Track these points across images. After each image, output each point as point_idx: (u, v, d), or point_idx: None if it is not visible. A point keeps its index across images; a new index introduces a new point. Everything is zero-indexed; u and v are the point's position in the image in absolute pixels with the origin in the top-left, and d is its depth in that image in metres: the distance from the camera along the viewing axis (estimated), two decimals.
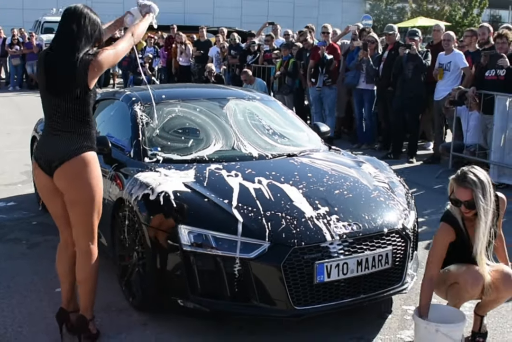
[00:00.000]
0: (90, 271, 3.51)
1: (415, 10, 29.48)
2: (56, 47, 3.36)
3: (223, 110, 4.78)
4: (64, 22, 3.36)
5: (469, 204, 3.33)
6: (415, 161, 8.77)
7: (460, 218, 3.45)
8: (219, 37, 14.32)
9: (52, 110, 3.37)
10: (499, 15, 42.73)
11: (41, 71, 3.37)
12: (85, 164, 3.36)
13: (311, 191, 3.86)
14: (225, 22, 27.90)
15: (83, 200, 3.39)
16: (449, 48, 8.17)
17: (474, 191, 3.29)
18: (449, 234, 3.44)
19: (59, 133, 3.36)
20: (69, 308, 3.62)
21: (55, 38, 3.40)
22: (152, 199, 3.67)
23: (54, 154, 3.36)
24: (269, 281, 3.42)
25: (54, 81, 3.31)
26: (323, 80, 9.66)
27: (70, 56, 3.25)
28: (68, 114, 3.33)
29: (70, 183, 3.36)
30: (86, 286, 3.53)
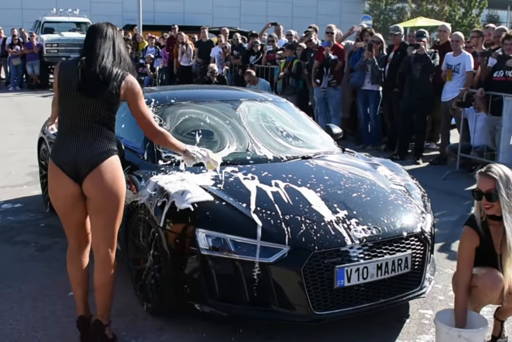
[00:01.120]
0: (109, 276, 3.48)
1: (415, 10, 29.48)
2: (94, 55, 3.33)
3: (236, 112, 4.75)
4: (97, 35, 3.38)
5: (490, 195, 3.24)
6: (421, 163, 8.75)
7: (480, 218, 3.37)
8: (221, 38, 14.28)
9: (78, 112, 3.30)
10: (497, 15, 42.80)
11: (74, 72, 3.30)
12: (114, 168, 3.32)
13: (329, 194, 3.82)
14: (224, 22, 27.91)
15: (111, 205, 3.34)
16: (457, 49, 8.14)
17: (497, 181, 3.23)
18: (472, 237, 3.38)
19: (85, 137, 3.30)
20: (87, 314, 3.58)
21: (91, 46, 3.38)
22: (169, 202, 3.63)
23: (81, 159, 3.28)
24: (289, 286, 3.39)
25: (91, 83, 3.27)
26: (328, 81, 9.62)
27: (110, 64, 3.30)
28: (96, 118, 3.30)
29: (102, 188, 3.30)
30: (104, 291, 3.49)
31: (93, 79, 3.26)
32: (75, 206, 3.38)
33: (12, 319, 3.88)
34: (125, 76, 3.32)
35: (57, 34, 19.23)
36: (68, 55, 18.63)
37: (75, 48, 18.68)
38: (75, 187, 3.32)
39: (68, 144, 3.32)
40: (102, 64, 3.29)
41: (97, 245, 3.45)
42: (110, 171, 3.31)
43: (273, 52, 11.97)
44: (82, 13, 21.78)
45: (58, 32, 19.35)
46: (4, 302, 4.10)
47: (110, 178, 3.30)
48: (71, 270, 3.55)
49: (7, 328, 3.77)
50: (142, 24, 21.34)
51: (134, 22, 24.61)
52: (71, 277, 3.57)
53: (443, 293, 4.34)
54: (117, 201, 3.37)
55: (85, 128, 3.31)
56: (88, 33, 3.46)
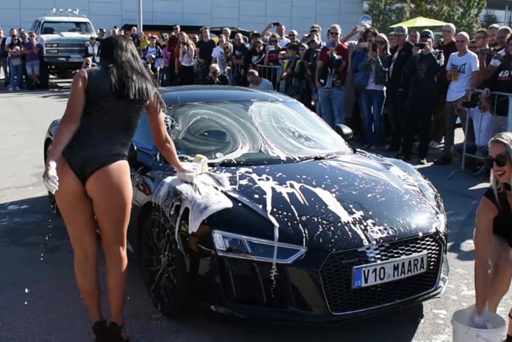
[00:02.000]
0: (122, 276, 3.49)
1: (414, 10, 29.49)
2: (121, 62, 3.41)
3: (247, 113, 4.74)
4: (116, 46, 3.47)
5: (500, 159, 3.21)
6: (426, 162, 8.75)
7: (497, 189, 3.31)
8: (223, 38, 14.26)
9: (106, 114, 3.33)
10: (494, 15, 42.87)
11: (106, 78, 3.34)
12: (120, 172, 3.34)
13: (344, 194, 3.82)
14: (222, 22, 27.91)
15: (117, 208, 3.36)
16: (463, 49, 8.15)
17: (507, 145, 3.21)
18: (489, 208, 3.33)
19: (102, 138, 3.33)
20: (102, 319, 3.54)
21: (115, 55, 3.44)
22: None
23: (90, 157, 3.29)
24: (307, 287, 3.38)
25: (130, 88, 3.34)
26: (332, 81, 9.61)
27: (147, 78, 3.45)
28: (124, 122, 3.38)
29: (105, 191, 3.31)
30: (118, 292, 3.49)
31: (127, 83, 3.34)
32: (77, 205, 3.36)
33: (25, 322, 3.86)
34: (154, 88, 3.46)
35: (57, 34, 19.18)
36: (68, 55, 18.66)
37: (75, 48, 18.70)
38: (78, 184, 3.31)
39: (82, 144, 3.32)
40: (134, 68, 3.41)
41: (108, 246, 3.47)
42: (116, 173, 3.32)
43: (275, 52, 11.96)
44: (82, 13, 21.74)
45: (58, 32, 19.30)
46: (16, 304, 4.08)
47: (114, 182, 3.31)
48: (80, 280, 3.52)
49: (21, 331, 3.75)
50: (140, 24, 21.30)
51: (132, 22, 24.60)
52: (81, 287, 3.53)
53: (455, 293, 4.34)
54: (122, 205, 3.38)
55: (106, 130, 3.34)
56: (105, 45, 3.55)
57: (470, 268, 4.83)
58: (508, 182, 3.27)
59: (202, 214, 3.49)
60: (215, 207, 3.53)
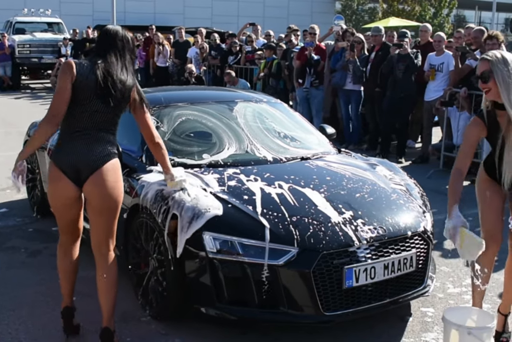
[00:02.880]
0: (113, 278, 3.46)
1: (386, 10, 29.75)
2: (111, 60, 3.34)
3: (232, 113, 4.72)
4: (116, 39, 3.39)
5: (484, 75, 3.24)
6: (404, 161, 8.82)
7: (486, 107, 3.33)
8: (198, 38, 14.21)
9: (89, 117, 3.29)
10: (464, 15, 43.48)
11: (91, 77, 3.27)
12: (115, 170, 3.34)
13: (333, 194, 3.82)
14: (195, 22, 27.77)
15: (112, 207, 3.35)
16: (440, 49, 8.24)
17: (490, 62, 3.23)
18: (477, 125, 3.35)
19: (89, 141, 3.30)
20: (72, 305, 3.64)
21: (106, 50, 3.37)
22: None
23: (83, 162, 3.28)
24: (298, 287, 3.38)
25: (111, 91, 3.28)
26: (310, 81, 9.64)
27: (125, 70, 3.35)
28: (105, 124, 3.33)
29: (104, 191, 3.30)
30: (109, 294, 3.46)
31: (112, 87, 3.28)
32: (72, 207, 3.42)
33: (10, 327, 3.79)
34: (135, 83, 3.39)
35: (29, 34, 18.93)
36: (41, 56, 18.42)
37: (48, 49, 18.47)
38: (75, 189, 3.35)
39: (71, 147, 3.31)
40: (120, 71, 3.33)
41: (99, 245, 3.45)
42: (111, 173, 3.33)
43: (251, 52, 11.96)
44: (53, 13, 21.48)
45: (30, 33, 19.06)
46: (0, 310, 4.00)
47: (112, 181, 3.33)
48: (60, 262, 3.59)
49: (7, 337, 3.68)
50: (114, 24, 21.11)
51: (104, 22, 24.27)
52: (61, 269, 3.60)
53: (442, 291, 4.38)
54: (118, 202, 3.40)
55: (90, 133, 3.31)
56: (102, 36, 3.45)
57: (454, 266, 4.88)
58: (494, 99, 3.28)
59: (191, 226, 3.46)
60: (204, 218, 3.48)
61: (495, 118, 3.33)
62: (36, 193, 5.94)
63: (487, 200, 3.49)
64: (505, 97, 3.20)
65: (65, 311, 3.62)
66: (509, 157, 3.29)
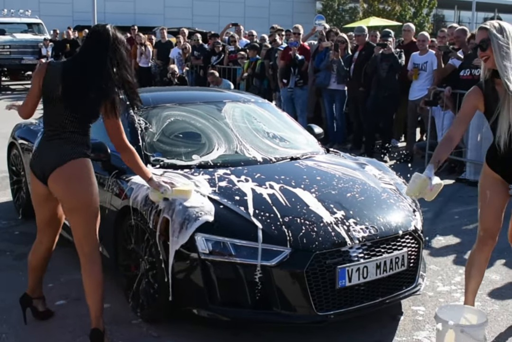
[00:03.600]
0: (98, 278, 3.44)
1: (367, 10, 29.90)
2: (85, 62, 3.32)
3: (221, 114, 4.70)
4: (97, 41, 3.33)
5: (482, 43, 3.32)
6: (388, 161, 8.86)
7: (484, 76, 3.41)
8: (180, 38, 14.16)
9: (56, 120, 3.33)
10: (443, 14, 43.82)
11: (58, 79, 3.28)
12: (78, 169, 3.33)
13: (324, 194, 3.82)
14: (176, 22, 27.66)
15: (79, 206, 3.35)
16: (424, 48, 8.29)
17: (488, 30, 3.31)
18: (474, 92, 3.43)
19: (57, 141, 3.35)
20: (33, 294, 3.78)
21: (84, 51, 3.37)
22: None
23: (48, 161, 3.35)
24: (292, 288, 3.37)
25: (72, 97, 3.27)
26: (295, 81, 9.64)
27: (102, 77, 3.26)
28: (72, 128, 3.34)
29: (65, 189, 3.34)
30: (95, 295, 3.44)
31: (74, 93, 3.27)
32: (45, 204, 3.52)
33: (0, 331, 3.75)
34: (108, 89, 3.28)
35: (9, 35, 18.73)
36: (21, 57, 18.23)
37: (28, 50, 18.29)
38: (43, 188, 3.43)
39: (41, 146, 3.44)
40: (91, 76, 3.28)
41: (80, 245, 3.47)
42: (72, 172, 3.33)
43: (235, 52, 11.94)
44: (32, 14, 21.27)
45: (10, 34, 18.85)
46: None
47: (73, 179, 3.34)
48: (30, 256, 3.72)
49: None
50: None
51: (84, 22, 24.16)
52: (30, 263, 3.74)
53: (431, 289, 4.40)
54: (85, 203, 3.36)
55: (59, 133, 3.34)
56: (87, 36, 3.43)
57: (443, 264, 4.91)
58: (492, 66, 3.34)
59: (182, 232, 3.44)
60: (195, 225, 3.44)
61: (493, 87, 3.39)
62: (21, 195, 5.88)
63: (487, 199, 3.53)
64: (499, 63, 3.27)
65: (23, 297, 3.79)
66: (504, 124, 3.33)
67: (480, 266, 3.64)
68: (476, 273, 3.66)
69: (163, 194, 3.54)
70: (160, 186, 3.53)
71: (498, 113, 3.32)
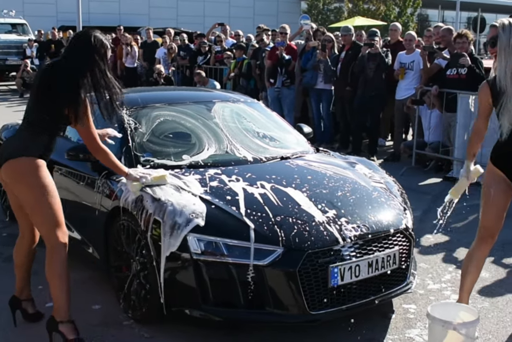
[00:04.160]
0: (58, 266, 3.44)
1: (352, 10, 29.99)
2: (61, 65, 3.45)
3: (211, 114, 4.69)
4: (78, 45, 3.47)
5: (491, 40, 3.46)
6: (376, 160, 8.89)
7: (494, 72, 3.48)
8: (166, 38, 14.12)
9: (27, 112, 3.48)
10: (427, 14, 44.04)
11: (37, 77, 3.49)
12: (21, 167, 3.37)
13: (315, 193, 3.83)
14: (161, 22, 27.58)
15: (26, 201, 3.42)
16: (411, 48, 8.33)
17: (498, 28, 3.38)
18: (483, 87, 3.51)
19: (19, 133, 3.49)
20: (21, 296, 3.79)
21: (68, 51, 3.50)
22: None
23: (5, 149, 3.46)
24: (284, 287, 3.36)
25: (43, 91, 3.40)
26: (282, 80, 9.65)
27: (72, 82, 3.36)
28: (35, 122, 3.42)
29: (11, 183, 3.44)
30: (55, 282, 3.44)
31: (41, 92, 3.41)
32: (9, 194, 3.63)
33: None
34: (75, 99, 3.35)
35: None
36: (5, 57, 18.12)
37: (12, 50, 18.17)
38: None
39: (10, 135, 3.75)
40: (61, 79, 3.37)
41: (43, 236, 3.52)
42: (15, 168, 3.38)
43: (221, 52, 11.94)
44: (16, 14, 21.13)
45: None
46: None
47: (17, 176, 3.38)
48: (14, 254, 3.77)
49: None
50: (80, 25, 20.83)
51: (69, 23, 24.01)
52: (14, 260, 3.79)
53: (422, 288, 4.42)
54: (29, 199, 3.40)
55: (24, 127, 3.47)
56: (71, 39, 3.59)
57: (432, 262, 4.94)
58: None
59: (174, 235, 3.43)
60: (186, 229, 3.43)
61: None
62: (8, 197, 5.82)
63: (490, 197, 3.56)
64: (501, 58, 3.33)
65: (11, 300, 3.81)
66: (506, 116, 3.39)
67: (478, 262, 3.68)
68: (474, 269, 3.69)
69: (143, 184, 3.70)
70: (140, 178, 3.70)
71: (503, 105, 3.38)
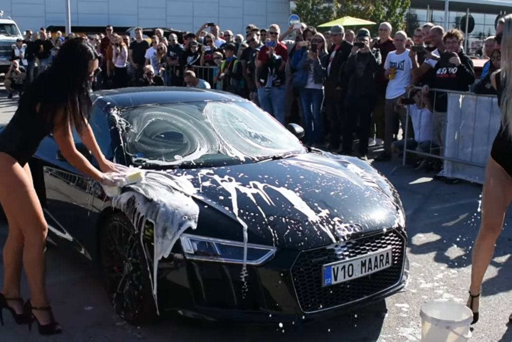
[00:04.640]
0: (29, 256, 3.59)
1: (341, 10, 30.07)
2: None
3: (202, 114, 4.68)
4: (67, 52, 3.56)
5: (499, 36, 3.58)
6: (366, 159, 8.90)
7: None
8: (156, 39, 14.09)
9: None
10: (415, 14, 44.24)
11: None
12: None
13: (308, 193, 3.83)
14: (149, 23, 27.52)
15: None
16: (401, 48, 8.35)
17: (504, 24, 3.39)
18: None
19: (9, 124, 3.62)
20: (8, 294, 3.80)
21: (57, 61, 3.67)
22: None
23: None
24: (278, 287, 3.36)
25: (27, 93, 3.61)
26: (272, 80, 9.65)
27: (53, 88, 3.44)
28: (20, 120, 3.55)
29: None
30: (28, 271, 3.63)
31: (30, 90, 3.59)
32: None
33: None
34: (52, 106, 3.42)
35: None
36: None
37: (1, 51, 18.06)
38: None
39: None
40: (45, 84, 3.49)
41: (23, 232, 3.63)
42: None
43: (211, 52, 11.92)
44: (4, 14, 21.01)
45: None
46: None
47: None
48: (4, 251, 3.80)
49: None
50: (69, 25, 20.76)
51: (57, 23, 23.95)
52: (3, 258, 3.81)
53: (414, 286, 4.43)
54: (2, 195, 3.54)
55: (12, 120, 3.60)
56: (61, 47, 3.76)
57: (424, 261, 4.95)
58: None
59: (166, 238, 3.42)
60: (179, 232, 3.41)
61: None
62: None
63: (490, 191, 3.60)
64: (505, 54, 3.34)
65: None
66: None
67: (485, 252, 3.73)
68: (482, 257, 3.75)
69: (119, 187, 3.72)
70: (115, 181, 3.72)
71: (505, 99, 3.39)
